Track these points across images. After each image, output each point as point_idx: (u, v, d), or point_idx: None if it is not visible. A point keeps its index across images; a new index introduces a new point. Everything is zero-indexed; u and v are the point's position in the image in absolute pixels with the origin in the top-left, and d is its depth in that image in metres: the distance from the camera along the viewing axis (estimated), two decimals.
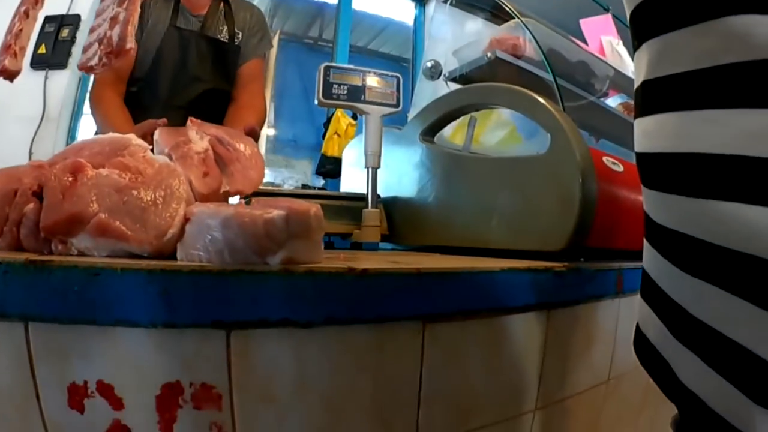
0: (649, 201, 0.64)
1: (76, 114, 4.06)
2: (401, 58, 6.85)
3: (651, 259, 0.65)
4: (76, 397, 0.75)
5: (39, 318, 0.74)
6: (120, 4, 1.13)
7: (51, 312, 0.73)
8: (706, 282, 0.55)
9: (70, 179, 0.87)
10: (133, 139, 1.03)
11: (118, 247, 0.81)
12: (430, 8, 5.97)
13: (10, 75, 1.23)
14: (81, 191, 0.84)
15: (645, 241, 0.67)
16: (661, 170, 0.60)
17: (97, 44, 1.14)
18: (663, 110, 0.59)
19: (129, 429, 0.76)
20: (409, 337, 0.91)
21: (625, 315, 1.34)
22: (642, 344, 0.71)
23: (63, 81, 3.90)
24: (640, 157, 0.64)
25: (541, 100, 1.33)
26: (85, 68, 1.15)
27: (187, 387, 0.76)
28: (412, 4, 6.21)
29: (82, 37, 3.96)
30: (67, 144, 3.89)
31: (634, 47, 0.65)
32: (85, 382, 0.75)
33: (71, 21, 3.94)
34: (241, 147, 1.16)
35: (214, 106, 2.30)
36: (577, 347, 1.22)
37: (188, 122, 1.20)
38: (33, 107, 3.75)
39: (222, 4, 2.43)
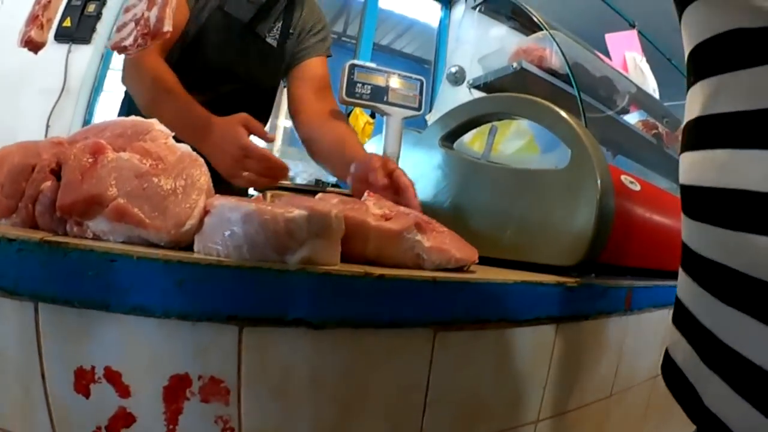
0: (690, 231, 0.66)
1: (96, 90, 4.06)
2: (423, 60, 6.84)
3: (686, 287, 0.67)
4: (83, 381, 0.75)
5: (51, 299, 0.74)
6: None
7: (63, 294, 0.73)
8: (742, 312, 0.56)
9: (90, 160, 0.86)
10: (156, 123, 1.00)
11: (135, 234, 0.81)
12: (456, 11, 5.96)
13: (35, 46, 1.21)
14: (101, 173, 0.84)
15: (681, 269, 0.69)
16: (706, 203, 0.62)
17: (133, 24, 1.14)
18: (714, 146, 0.61)
19: (134, 417, 0.76)
20: (420, 343, 0.91)
21: (632, 331, 1.35)
22: (669, 368, 0.73)
23: (86, 56, 3.91)
24: (686, 189, 0.67)
25: (565, 115, 1.33)
26: (119, 48, 1.15)
27: (196, 379, 0.76)
28: (438, 6, 6.19)
29: (108, 13, 4.00)
30: (85, 120, 3.93)
31: (689, 83, 0.67)
32: (93, 368, 0.75)
33: None
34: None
35: (243, 105, 1.86)
36: (584, 361, 1.23)
37: (366, 195, 1.17)
38: (53, 80, 3.77)
39: None
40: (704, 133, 0.63)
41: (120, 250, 0.73)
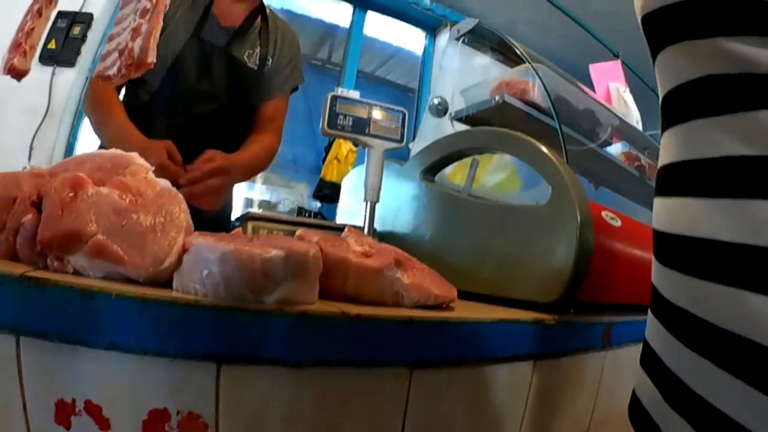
0: (660, 276, 0.67)
1: (80, 113, 4.04)
2: (407, 88, 6.85)
3: (654, 331, 0.68)
4: (64, 413, 0.75)
5: (30, 333, 0.73)
6: (142, 15, 1.13)
7: (43, 328, 0.73)
8: (707, 359, 0.57)
9: (71, 194, 0.86)
10: (136, 158, 1.01)
11: (114, 270, 0.81)
12: (440, 39, 5.96)
13: (19, 74, 1.21)
14: (80, 208, 0.84)
15: (650, 313, 0.70)
16: (676, 250, 0.63)
17: (117, 54, 1.13)
18: (685, 194, 0.62)
19: None
20: (396, 382, 0.91)
21: (609, 367, 1.35)
22: (636, 408, 0.73)
23: (70, 78, 3.90)
24: (658, 234, 0.67)
25: (546, 150, 1.34)
26: (102, 77, 1.14)
27: (174, 414, 0.77)
28: (423, 35, 6.21)
29: (93, 36, 4.01)
30: (69, 142, 3.92)
31: (662, 128, 0.69)
32: (74, 400, 0.75)
33: (84, 19, 3.96)
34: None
35: (223, 125, 2.11)
36: (561, 398, 1.23)
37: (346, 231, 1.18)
38: (37, 101, 3.76)
39: (260, 20, 2.23)
40: (676, 180, 0.64)
41: (98, 287, 0.73)
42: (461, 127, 2.29)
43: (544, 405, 1.17)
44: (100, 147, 1.97)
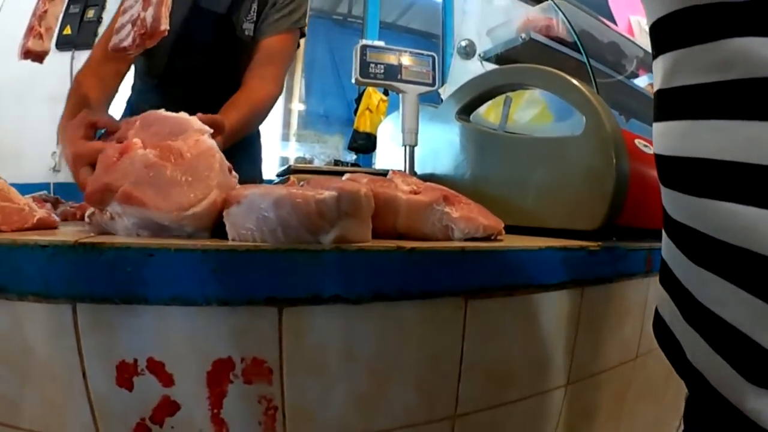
0: (665, 197, 0.70)
1: None
2: (430, 34, 6.83)
3: (667, 249, 0.72)
4: (125, 374, 0.78)
5: (88, 299, 0.76)
6: None
7: (101, 292, 0.76)
8: (709, 271, 0.61)
9: (116, 157, 0.93)
10: (194, 123, 1.04)
11: (144, 215, 0.86)
12: None
13: (37, 56, 1.23)
14: (119, 167, 0.91)
15: (663, 231, 0.74)
16: (673, 171, 0.66)
17: (130, 25, 1.16)
18: (675, 117, 0.65)
19: (178, 404, 0.79)
20: (452, 312, 0.94)
21: (653, 294, 1.35)
22: (659, 325, 0.77)
23: None
24: (657, 158, 0.71)
25: (577, 83, 1.35)
26: (118, 49, 1.17)
27: (239, 362, 0.79)
28: None
29: (107, 17, 4.00)
30: None
31: (653, 56, 0.71)
32: (135, 360, 0.78)
33: (96, 1, 3.99)
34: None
35: (224, 93, 1.90)
36: (609, 324, 1.25)
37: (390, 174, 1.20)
38: (59, 87, 3.76)
39: None
40: (666, 105, 0.67)
41: (156, 244, 0.76)
42: (490, 66, 2.30)
43: (593, 332, 1.20)
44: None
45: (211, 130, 1.03)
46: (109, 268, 0.75)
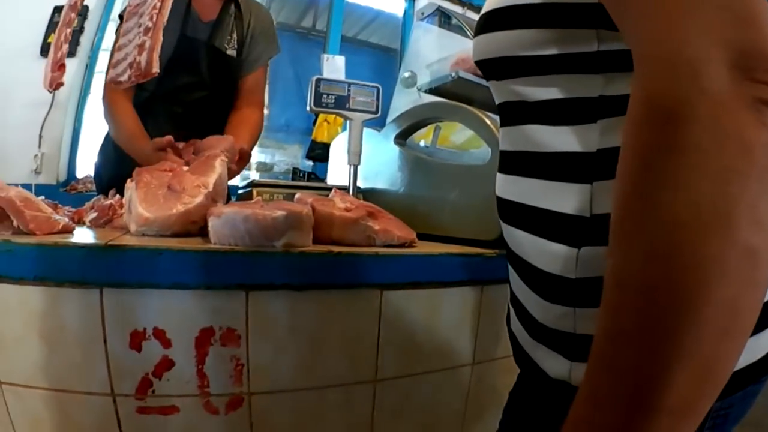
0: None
1: (82, 100, 4.20)
2: (389, 48, 6.76)
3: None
4: (136, 339, 1.04)
5: (113, 284, 1.02)
6: (146, 33, 1.36)
7: (123, 279, 1.02)
8: (515, 271, 0.82)
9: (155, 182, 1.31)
10: (224, 144, 1.48)
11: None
12: (420, 1, 5.95)
13: (60, 85, 1.58)
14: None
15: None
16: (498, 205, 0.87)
17: (126, 65, 1.39)
18: (500, 170, 0.86)
19: (173, 362, 1.06)
20: (370, 299, 1.20)
21: None
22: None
23: (71, 68, 3.71)
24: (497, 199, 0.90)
25: (485, 119, 1.55)
26: (115, 82, 1.42)
27: (217, 330, 1.07)
28: None
29: (89, 26, 4.14)
30: (74, 128, 4.15)
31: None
32: (144, 329, 1.04)
33: (79, 12, 3.98)
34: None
35: (213, 107, 2.35)
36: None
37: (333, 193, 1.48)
38: (42, 93, 3.67)
39: (232, 7, 2.36)
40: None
41: (164, 246, 1.03)
42: (428, 97, 2.50)
43: (494, 323, 1.42)
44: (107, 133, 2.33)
45: (225, 157, 1.36)
46: (130, 263, 1.01)
